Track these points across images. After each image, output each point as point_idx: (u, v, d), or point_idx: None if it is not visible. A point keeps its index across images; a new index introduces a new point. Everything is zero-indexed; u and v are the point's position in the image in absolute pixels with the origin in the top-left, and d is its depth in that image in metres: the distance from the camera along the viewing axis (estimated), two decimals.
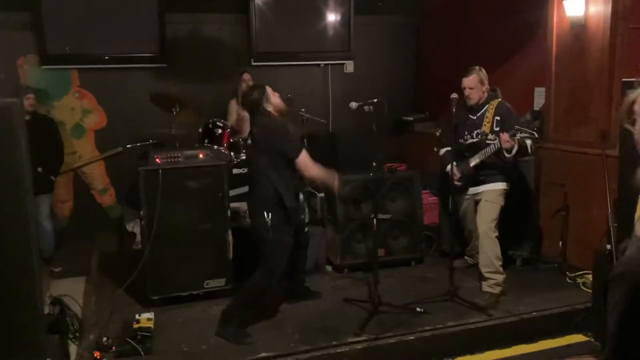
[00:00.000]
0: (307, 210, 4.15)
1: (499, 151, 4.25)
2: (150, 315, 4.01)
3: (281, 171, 3.89)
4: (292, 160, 3.86)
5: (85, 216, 6.55)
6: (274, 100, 4.03)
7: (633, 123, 1.08)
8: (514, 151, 4.16)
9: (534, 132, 3.99)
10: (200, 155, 4.56)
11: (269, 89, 4.03)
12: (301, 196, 4.07)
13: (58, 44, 6.24)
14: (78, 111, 6.60)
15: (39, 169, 5.37)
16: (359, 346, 3.75)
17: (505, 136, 4.11)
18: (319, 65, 7.33)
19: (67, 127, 6.52)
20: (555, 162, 5.14)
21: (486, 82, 4.52)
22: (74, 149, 6.57)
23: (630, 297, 1.03)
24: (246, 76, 6.26)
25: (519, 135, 4.03)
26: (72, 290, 4.46)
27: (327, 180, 4.04)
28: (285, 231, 3.92)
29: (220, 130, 5.67)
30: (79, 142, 6.63)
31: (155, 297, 4.39)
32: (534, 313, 4.20)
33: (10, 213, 2.54)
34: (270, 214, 3.83)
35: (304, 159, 3.87)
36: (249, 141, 4.12)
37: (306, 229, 4.18)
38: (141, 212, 4.40)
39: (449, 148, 4.65)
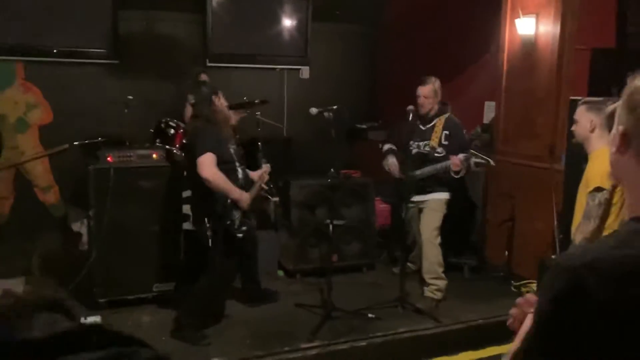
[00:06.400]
0: (237, 216, 3.87)
1: (447, 170, 4.36)
2: (97, 318, 3.88)
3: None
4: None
5: (27, 214, 6.26)
6: (219, 103, 3.96)
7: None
8: (461, 173, 4.30)
9: (489, 160, 4.11)
10: (154, 155, 4.46)
11: (220, 93, 3.99)
12: (229, 201, 3.84)
13: (3, 34, 5.95)
14: (22, 105, 6.31)
15: None
16: (312, 352, 3.76)
17: (456, 160, 4.22)
18: (275, 69, 7.31)
19: (10, 121, 6.23)
20: (503, 174, 5.32)
21: (439, 94, 4.63)
22: (16, 144, 6.27)
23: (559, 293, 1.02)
24: (203, 76, 6.19)
25: (472, 160, 4.16)
26: None
27: (229, 192, 3.79)
28: (223, 237, 3.84)
29: (173, 130, 5.56)
30: (22, 138, 6.33)
31: (102, 300, 4.25)
32: (480, 320, 4.31)
33: None
34: (210, 220, 3.79)
35: (205, 159, 3.68)
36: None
37: (240, 235, 3.91)
38: (89, 212, 4.26)
39: (392, 146, 4.82)
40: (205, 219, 3.79)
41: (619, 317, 0.93)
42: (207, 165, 3.70)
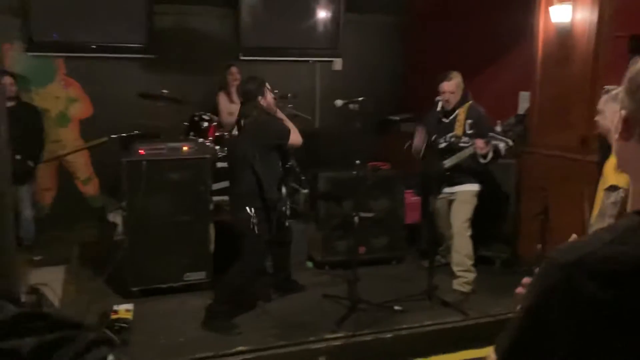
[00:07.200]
0: (288, 204, 4.21)
1: (474, 156, 4.31)
2: (130, 306, 4.00)
3: (267, 162, 3.99)
4: (282, 148, 4.06)
5: (68, 205, 6.50)
6: (268, 96, 4.13)
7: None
8: (489, 157, 4.22)
9: (509, 140, 4.05)
10: (185, 148, 4.56)
11: (267, 85, 4.16)
12: (284, 189, 4.13)
13: (45, 31, 6.16)
14: (63, 100, 6.54)
15: (18, 157, 5.31)
16: (336, 342, 3.79)
17: (480, 143, 4.16)
18: (308, 61, 7.32)
19: (52, 116, 6.46)
20: (536, 166, 5.20)
21: (462, 86, 4.59)
22: (58, 138, 6.52)
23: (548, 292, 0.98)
24: (233, 69, 6.27)
25: (493, 142, 4.10)
26: (51, 279, 4.43)
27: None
28: (264, 226, 3.97)
29: (206, 124, 5.66)
30: (64, 131, 6.57)
31: (134, 289, 4.39)
32: (510, 314, 4.23)
33: None
34: (252, 209, 3.87)
35: (293, 136, 4.08)
36: (234, 131, 4.20)
37: (287, 224, 4.24)
38: (123, 203, 4.40)
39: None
40: (247, 208, 3.88)
41: (608, 316, 0.90)
42: (296, 137, 4.09)
